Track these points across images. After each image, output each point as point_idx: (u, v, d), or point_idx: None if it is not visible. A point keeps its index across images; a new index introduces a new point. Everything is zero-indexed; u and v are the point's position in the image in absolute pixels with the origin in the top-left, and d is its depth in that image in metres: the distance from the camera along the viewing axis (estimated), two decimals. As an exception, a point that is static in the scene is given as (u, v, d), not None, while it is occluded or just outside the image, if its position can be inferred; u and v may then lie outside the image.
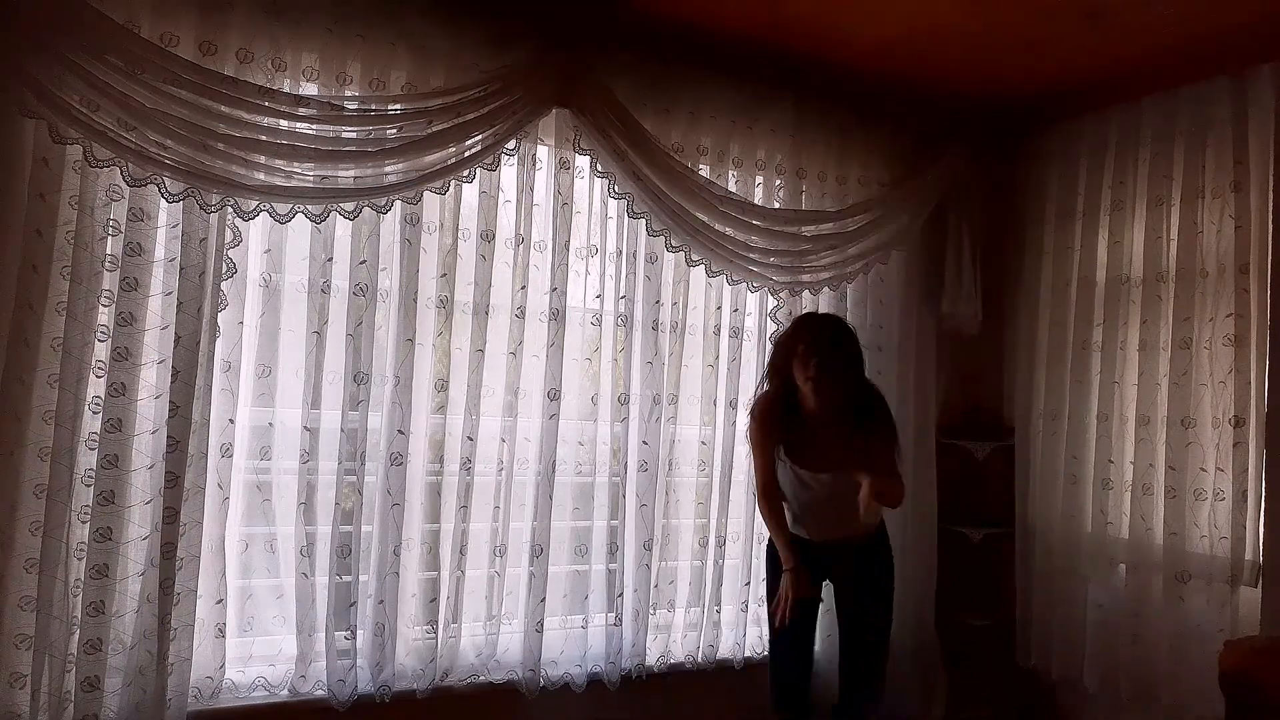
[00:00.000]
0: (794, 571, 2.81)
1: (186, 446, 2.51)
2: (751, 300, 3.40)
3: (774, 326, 3.40)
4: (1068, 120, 3.62)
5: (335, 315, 2.74)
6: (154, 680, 2.47)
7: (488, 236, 2.93)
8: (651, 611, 3.19)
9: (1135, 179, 3.39)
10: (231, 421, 2.63)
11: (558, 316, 3.02)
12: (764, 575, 3.09)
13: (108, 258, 2.44)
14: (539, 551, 2.98)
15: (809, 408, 2.86)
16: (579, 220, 3.10)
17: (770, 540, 2.94)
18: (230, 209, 2.54)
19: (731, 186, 3.34)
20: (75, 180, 2.39)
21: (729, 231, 3.23)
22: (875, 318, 3.63)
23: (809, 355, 2.78)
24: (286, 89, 2.60)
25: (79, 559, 2.41)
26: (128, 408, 2.46)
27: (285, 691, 2.71)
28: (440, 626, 2.86)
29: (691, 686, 3.21)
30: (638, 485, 3.16)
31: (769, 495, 2.91)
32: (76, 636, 2.40)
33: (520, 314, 2.97)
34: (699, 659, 3.24)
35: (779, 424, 2.87)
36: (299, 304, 2.72)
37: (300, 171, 2.56)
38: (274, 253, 2.70)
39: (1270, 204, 2.98)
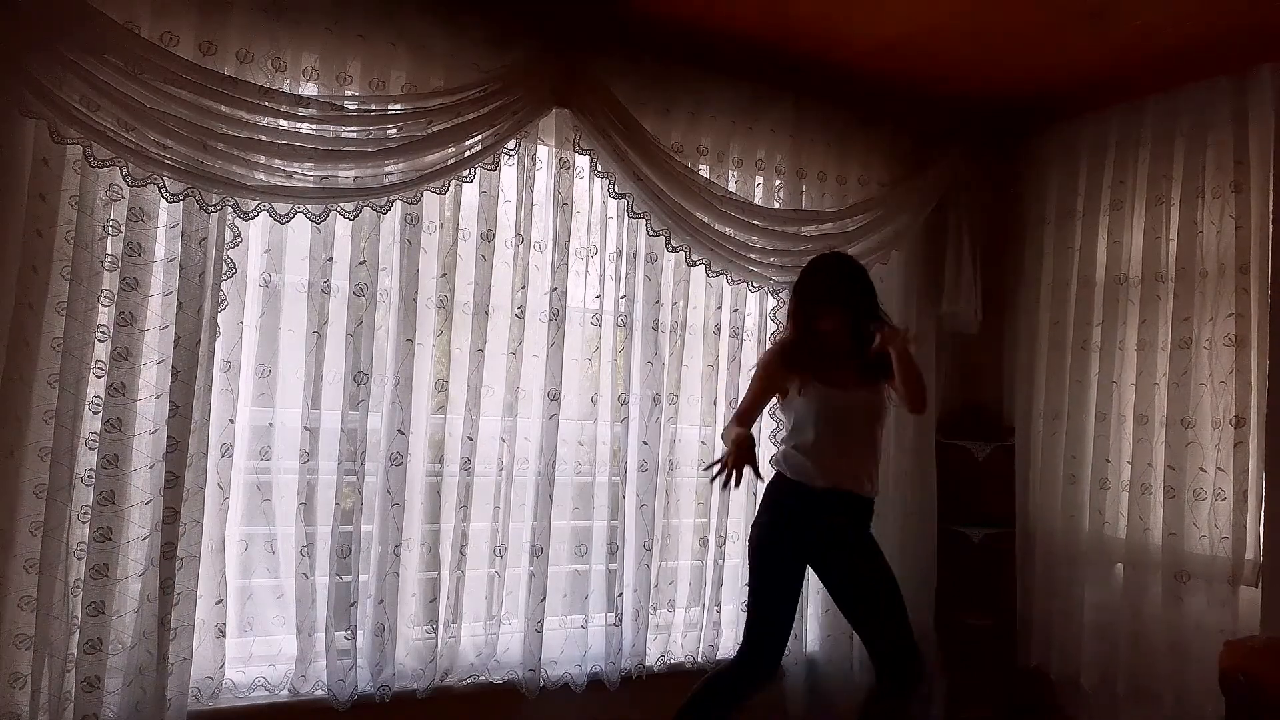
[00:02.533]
0: (742, 440, 2.54)
1: (186, 446, 2.51)
2: (751, 300, 3.40)
3: (774, 326, 3.40)
4: (1068, 120, 3.63)
5: (335, 315, 2.74)
6: (154, 680, 2.47)
7: (488, 236, 2.93)
8: (651, 611, 3.19)
9: (1135, 179, 3.39)
10: (231, 421, 2.63)
11: (558, 316, 3.02)
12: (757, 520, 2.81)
13: (108, 258, 2.44)
14: (539, 551, 2.98)
15: (830, 348, 2.74)
16: (579, 220, 3.10)
17: (772, 481, 2.76)
18: (230, 209, 2.54)
19: (731, 186, 3.34)
20: (75, 180, 2.39)
21: (729, 231, 3.23)
22: (875, 318, 3.63)
23: (828, 306, 2.71)
24: (286, 89, 2.60)
25: (79, 559, 2.41)
26: (128, 408, 2.46)
27: (285, 691, 2.71)
28: (440, 626, 2.86)
29: (691, 687, 3.20)
30: (638, 485, 3.16)
31: (742, 421, 2.71)
32: (76, 636, 2.40)
33: (520, 314, 2.97)
34: (699, 659, 3.24)
35: (796, 365, 2.72)
36: (299, 304, 2.72)
37: (300, 171, 2.56)
38: (274, 253, 2.70)
39: (1270, 204, 2.98)
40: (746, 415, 2.75)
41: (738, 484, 2.54)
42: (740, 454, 2.50)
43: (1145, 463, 3.25)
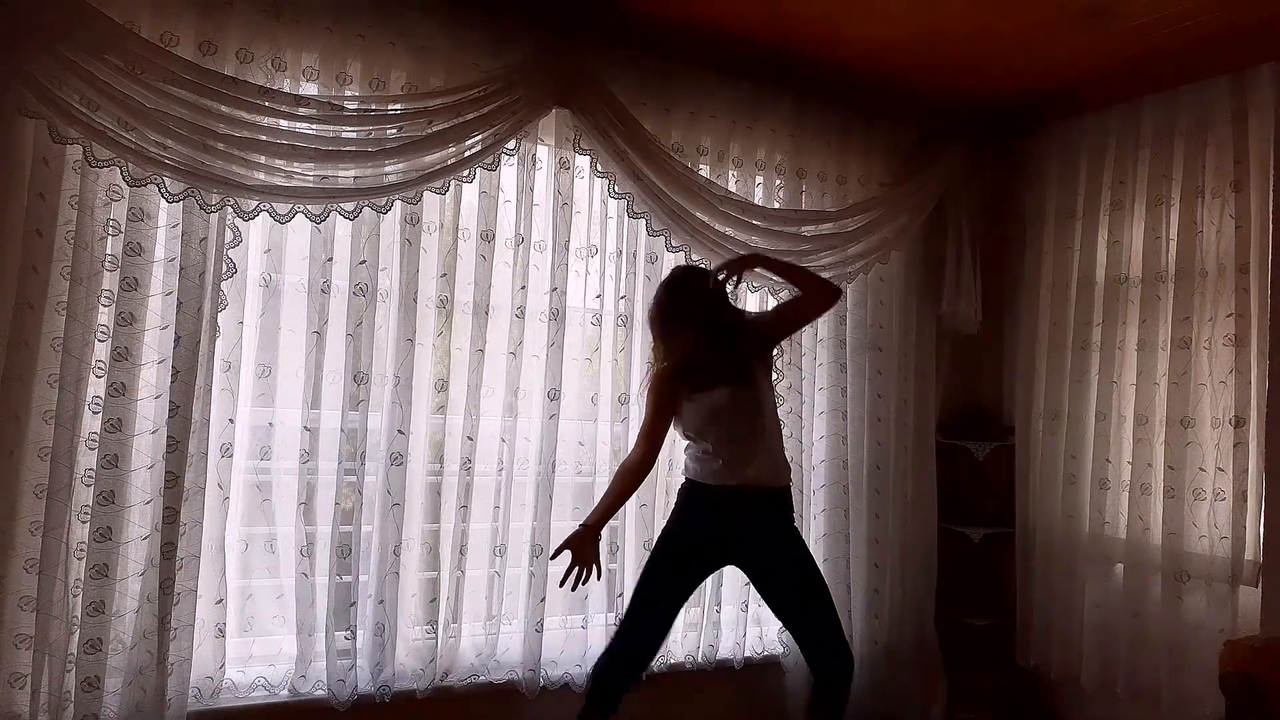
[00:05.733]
0: (585, 541, 2.61)
1: (186, 446, 2.51)
2: (751, 300, 3.40)
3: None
4: (1068, 120, 3.62)
5: (335, 315, 2.74)
6: (154, 680, 2.47)
7: (488, 236, 2.93)
8: (651, 611, 3.18)
9: (1135, 179, 3.39)
10: (231, 421, 2.63)
11: (558, 316, 3.02)
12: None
13: (108, 258, 2.44)
14: (539, 551, 2.98)
15: (696, 360, 2.66)
16: (579, 220, 3.10)
17: (685, 485, 2.73)
18: (230, 209, 2.54)
19: (731, 186, 3.34)
20: (75, 180, 2.39)
21: (729, 231, 3.23)
22: (875, 318, 3.64)
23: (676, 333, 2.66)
24: (286, 89, 2.60)
25: (79, 559, 2.41)
26: (128, 408, 2.46)
27: (285, 691, 2.72)
28: (440, 626, 2.86)
29: (691, 686, 3.21)
30: (637, 485, 3.16)
31: (645, 457, 2.70)
32: (76, 636, 2.41)
33: (520, 314, 2.97)
34: (699, 659, 3.24)
35: (677, 387, 2.67)
36: (299, 304, 2.72)
37: (300, 171, 2.56)
38: (274, 253, 2.70)
39: (1270, 204, 2.98)
40: (653, 443, 2.71)
41: (585, 582, 2.61)
42: (587, 555, 2.59)
43: (1145, 462, 3.25)
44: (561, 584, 2.60)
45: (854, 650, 3.44)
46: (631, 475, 2.72)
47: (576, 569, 2.59)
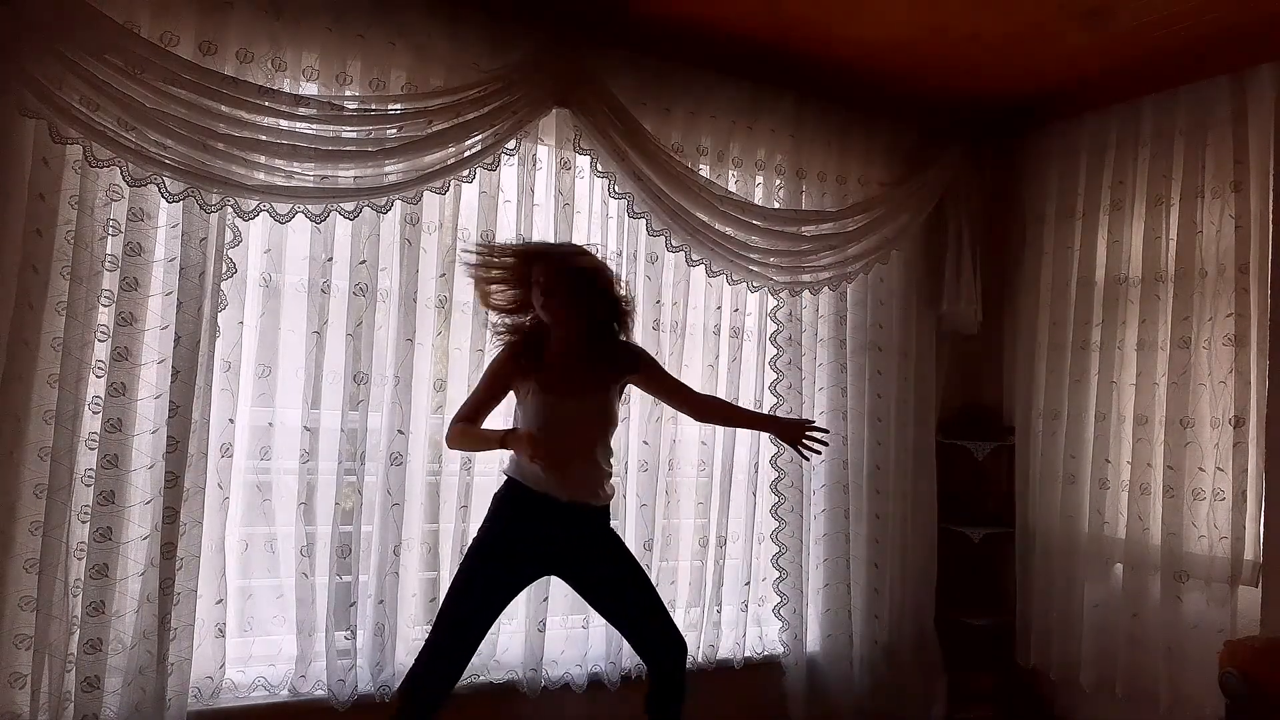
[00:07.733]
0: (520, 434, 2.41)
1: (186, 446, 2.51)
2: (751, 300, 3.40)
3: (774, 326, 3.40)
4: (1068, 120, 3.62)
5: (335, 315, 2.74)
6: (154, 680, 2.47)
7: (488, 237, 2.93)
8: (651, 611, 3.18)
9: (1135, 178, 3.39)
10: (231, 421, 2.63)
11: (558, 316, 3.02)
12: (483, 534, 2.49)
13: (108, 258, 2.45)
14: (539, 551, 2.98)
15: (557, 344, 2.50)
16: (579, 220, 3.10)
17: (502, 491, 2.50)
18: (230, 209, 2.54)
19: (731, 186, 3.34)
20: (75, 180, 2.39)
21: (729, 231, 3.23)
22: (875, 318, 3.64)
23: (542, 283, 2.45)
24: (286, 89, 2.60)
25: (79, 559, 2.41)
26: (128, 408, 2.46)
27: (285, 691, 2.72)
28: (440, 626, 2.86)
29: (692, 686, 3.19)
30: (638, 485, 3.16)
31: (464, 420, 2.50)
32: (76, 636, 2.41)
33: (520, 314, 2.97)
34: (699, 659, 3.23)
35: (526, 369, 2.48)
36: (299, 304, 2.72)
37: (300, 171, 2.56)
38: (274, 253, 2.70)
39: (1270, 204, 2.98)
40: (473, 415, 2.51)
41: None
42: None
43: (1144, 462, 3.25)
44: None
45: (854, 650, 3.48)
46: (459, 426, 2.51)
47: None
